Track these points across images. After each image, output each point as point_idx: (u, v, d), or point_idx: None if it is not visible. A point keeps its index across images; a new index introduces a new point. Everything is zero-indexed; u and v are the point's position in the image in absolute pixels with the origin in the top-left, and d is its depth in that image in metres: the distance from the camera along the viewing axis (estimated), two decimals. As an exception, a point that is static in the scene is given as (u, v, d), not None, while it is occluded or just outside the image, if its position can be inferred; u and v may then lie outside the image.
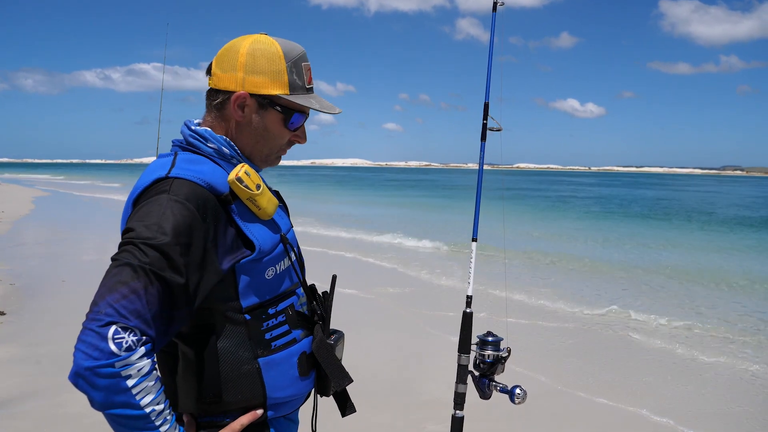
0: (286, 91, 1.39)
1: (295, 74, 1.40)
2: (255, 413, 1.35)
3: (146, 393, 1.13)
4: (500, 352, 1.79)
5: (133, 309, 1.11)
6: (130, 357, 1.09)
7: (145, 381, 1.12)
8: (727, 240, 16.87)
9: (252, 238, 1.32)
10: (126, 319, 1.10)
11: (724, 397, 4.72)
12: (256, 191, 1.32)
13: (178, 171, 1.29)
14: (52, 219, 17.09)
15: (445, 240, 13.81)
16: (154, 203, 1.23)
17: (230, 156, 1.39)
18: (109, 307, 1.10)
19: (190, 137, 1.40)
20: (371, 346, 5.46)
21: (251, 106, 1.39)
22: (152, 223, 1.18)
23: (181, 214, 1.20)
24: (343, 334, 1.56)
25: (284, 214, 1.53)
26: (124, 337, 1.09)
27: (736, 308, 8.02)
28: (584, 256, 12.42)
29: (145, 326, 1.12)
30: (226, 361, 1.32)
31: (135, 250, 1.15)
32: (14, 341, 5.37)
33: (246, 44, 1.38)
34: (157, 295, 1.14)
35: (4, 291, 7.20)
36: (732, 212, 28.00)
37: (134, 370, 1.10)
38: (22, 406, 4.01)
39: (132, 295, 1.12)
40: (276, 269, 1.38)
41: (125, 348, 1.09)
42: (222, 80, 1.38)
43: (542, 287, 8.83)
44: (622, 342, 6.20)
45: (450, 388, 1.94)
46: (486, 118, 1.98)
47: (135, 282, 1.12)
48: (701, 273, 10.79)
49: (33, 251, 10.60)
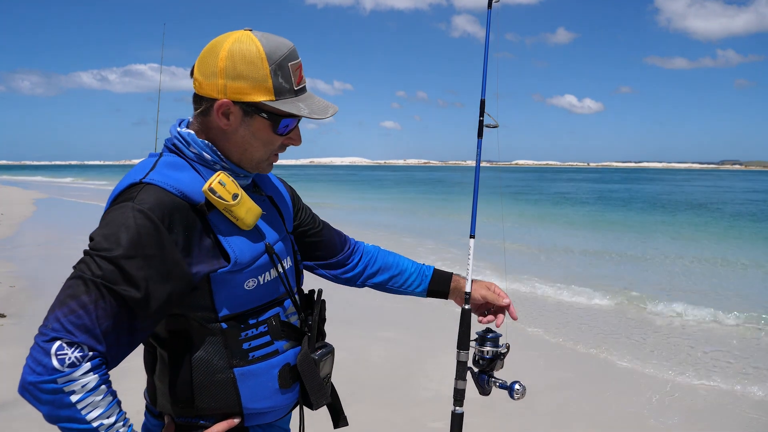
0: (271, 97, 1.28)
1: (281, 77, 1.29)
2: (232, 421, 1.33)
3: (93, 407, 1.10)
4: (499, 348, 1.79)
5: (80, 324, 1.09)
6: (73, 373, 1.08)
7: (90, 396, 1.10)
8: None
9: (228, 250, 1.27)
10: (71, 335, 1.09)
11: (725, 397, 4.73)
12: (232, 201, 1.26)
13: (153, 176, 1.25)
14: (54, 221, 17.07)
15: (445, 237, 13.81)
16: (117, 212, 1.19)
17: (212, 162, 1.33)
18: (56, 321, 1.09)
19: (174, 139, 1.34)
20: (370, 342, 5.46)
21: (236, 114, 1.30)
22: (111, 233, 1.15)
23: (142, 225, 1.16)
24: (332, 348, 1.50)
25: (278, 222, 1.46)
26: (67, 353, 1.08)
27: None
28: (584, 249, 12.42)
29: (93, 341, 1.10)
30: (199, 369, 1.30)
31: (90, 262, 1.13)
32: (15, 343, 5.37)
33: (226, 46, 1.28)
34: (109, 309, 1.12)
35: (5, 293, 7.20)
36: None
37: (78, 386, 1.08)
38: (23, 409, 4.01)
39: (80, 310, 1.10)
40: (258, 280, 1.33)
41: (68, 364, 1.08)
42: (203, 87, 1.30)
43: (541, 281, 8.84)
44: (626, 336, 6.20)
45: (449, 384, 1.94)
46: (482, 115, 1.98)
47: (85, 296, 1.10)
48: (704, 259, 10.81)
49: (33, 253, 10.60)
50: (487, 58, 1.95)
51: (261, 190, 1.47)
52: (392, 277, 1.79)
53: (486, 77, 1.95)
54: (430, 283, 1.81)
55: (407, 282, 1.80)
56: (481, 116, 1.99)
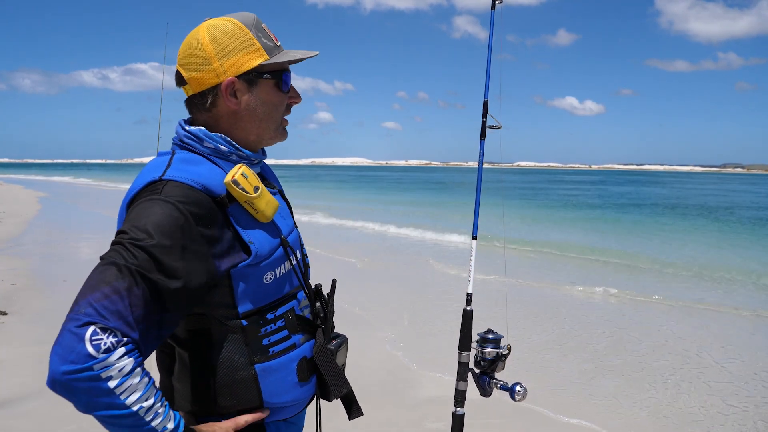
0: (266, 56, 1.34)
1: (263, 37, 1.35)
2: (260, 414, 1.33)
3: (131, 392, 1.07)
4: (500, 349, 1.79)
5: (114, 309, 1.06)
6: (109, 358, 1.04)
7: (128, 380, 1.07)
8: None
9: (249, 242, 1.27)
10: (105, 320, 1.05)
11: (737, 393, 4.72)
12: (254, 194, 1.27)
13: (172, 172, 1.25)
14: (59, 220, 17.09)
15: (446, 235, 13.81)
16: (145, 206, 1.19)
17: (229, 153, 1.33)
18: (89, 306, 1.06)
19: (185, 137, 1.34)
20: (372, 343, 5.46)
21: (242, 89, 1.33)
22: (142, 224, 1.15)
23: (172, 217, 1.17)
24: (346, 338, 1.52)
25: (288, 215, 1.48)
26: (102, 338, 1.04)
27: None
28: (587, 248, 12.42)
29: (126, 328, 1.07)
30: (222, 368, 1.29)
31: (123, 250, 1.12)
32: (16, 341, 5.38)
33: (203, 35, 1.32)
34: (142, 297, 1.10)
35: (6, 291, 7.21)
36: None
37: (115, 371, 1.05)
38: (24, 406, 4.02)
39: (114, 295, 1.07)
40: (275, 273, 1.34)
41: (103, 350, 1.04)
42: (201, 80, 1.32)
43: (544, 282, 8.84)
44: (624, 337, 6.19)
45: (450, 385, 1.94)
46: (485, 116, 1.98)
47: (119, 282, 1.08)
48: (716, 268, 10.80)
49: (35, 251, 10.61)
50: (491, 60, 1.95)
51: (271, 183, 1.48)
52: None
53: (489, 78, 1.95)
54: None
55: None
56: (484, 117, 1.99)
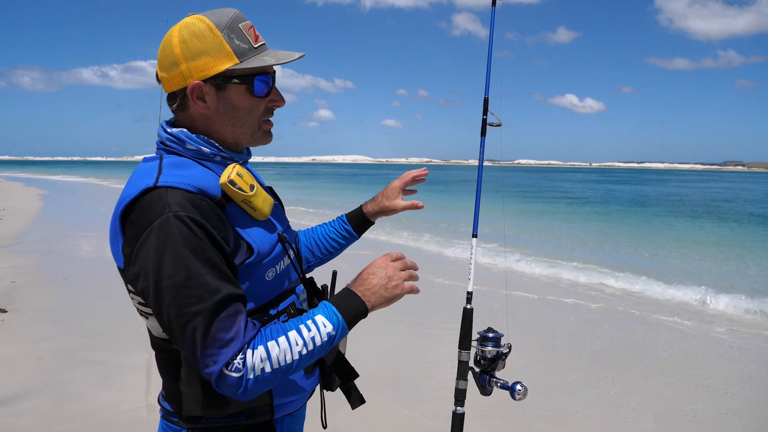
0: (235, 61, 1.28)
1: (236, 39, 1.28)
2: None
3: (284, 353, 1.18)
4: (501, 348, 1.78)
5: (226, 341, 1.14)
6: (246, 368, 1.14)
7: (275, 352, 1.17)
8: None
9: (250, 241, 1.27)
10: (233, 354, 1.14)
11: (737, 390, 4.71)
12: (250, 192, 1.27)
13: (166, 178, 1.21)
14: (60, 218, 17.10)
15: (447, 236, 13.81)
16: (164, 229, 1.15)
17: (212, 154, 1.31)
18: (209, 358, 1.14)
19: (167, 140, 1.32)
20: (372, 341, 5.46)
21: (210, 93, 1.29)
22: (176, 256, 1.14)
23: (195, 231, 1.16)
24: None
25: (280, 210, 1.49)
26: (235, 364, 1.14)
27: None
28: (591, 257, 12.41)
29: (241, 338, 1.15)
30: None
31: (187, 297, 1.13)
32: (16, 338, 5.38)
33: (174, 35, 1.28)
34: (228, 319, 1.15)
35: (6, 288, 7.21)
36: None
37: (258, 369, 1.15)
38: (24, 404, 4.02)
39: (219, 333, 1.14)
40: (276, 269, 1.34)
41: (241, 369, 1.14)
42: (171, 81, 1.30)
43: (545, 282, 8.84)
44: (627, 336, 6.19)
45: (450, 384, 1.94)
46: (486, 114, 1.97)
47: (211, 324, 1.13)
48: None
49: (35, 249, 10.61)
50: (491, 57, 1.95)
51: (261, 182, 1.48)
52: (321, 246, 1.83)
53: (489, 75, 1.94)
54: (349, 222, 1.84)
55: (334, 240, 1.83)
56: (485, 115, 1.98)
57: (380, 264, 1.36)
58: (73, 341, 5.37)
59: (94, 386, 4.34)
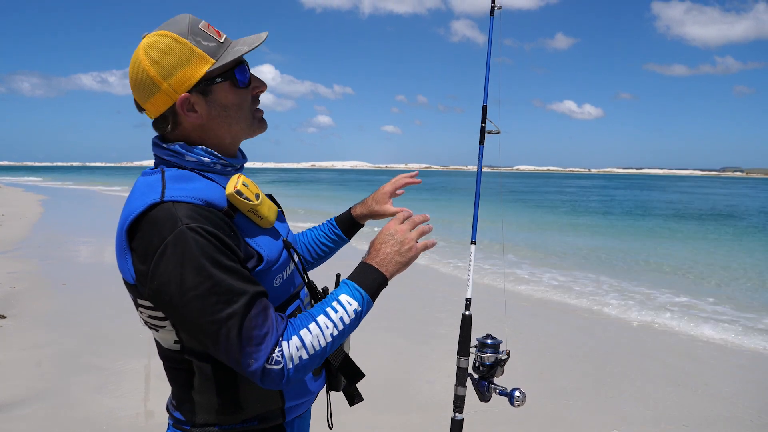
0: (211, 61, 1.28)
1: (203, 40, 1.28)
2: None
3: (317, 339, 1.21)
4: (499, 354, 1.79)
5: (261, 338, 1.16)
6: (285, 359, 1.17)
7: (308, 339, 1.20)
8: None
9: (259, 250, 1.28)
10: (271, 348, 1.17)
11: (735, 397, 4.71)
12: (257, 201, 1.28)
13: (172, 193, 1.21)
14: (60, 223, 17.08)
15: (448, 240, 13.80)
16: (180, 245, 1.15)
17: (212, 163, 1.32)
18: (250, 357, 1.16)
19: (166, 156, 1.31)
20: (370, 347, 5.45)
21: (199, 101, 1.29)
22: (196, 267, 1.15)
23: (211, 241, 1.17)
24: None
25: (282, 217, 1.50)
26: (274, 357, 1.17)
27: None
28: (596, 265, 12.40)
29: (275, 331, 1.18)
30: (243, 375, 1.28)
31: (216, 304, 1.15)
32: (15, 344, 5.37)
33: (142, 60, 1.27)
34: (261, 313, 1.18)
35: (5, 294, 7.20)
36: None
37: (296, 358, 1.18)
38: (23, 409, 4.01)
39: (254, 331, 1.16)
40: (283, 275, 1.35)
41: (280, 361, 1.17)
42: (156, 105, 1.29)
43: (544, 288, 8.84)
44: (626, 342, 6.19)
45: (449, 390, 1.94)
46: (484, 122, 1.99)
47: (250, 321, 1.16)
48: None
49: (34, 254, 10.59)
50: (489, 65, 1.96)
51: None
52: (312, 250, 1.85)
53: (488, 84, 1.96)
54: (338, 226, 1.85)
55: (323, 244, 1.85)
56: (483, 123, 1.99)
57: (390, 230, 1.38)
58: (72, 347, 5.36)
59: (92, 392, 4.33)
